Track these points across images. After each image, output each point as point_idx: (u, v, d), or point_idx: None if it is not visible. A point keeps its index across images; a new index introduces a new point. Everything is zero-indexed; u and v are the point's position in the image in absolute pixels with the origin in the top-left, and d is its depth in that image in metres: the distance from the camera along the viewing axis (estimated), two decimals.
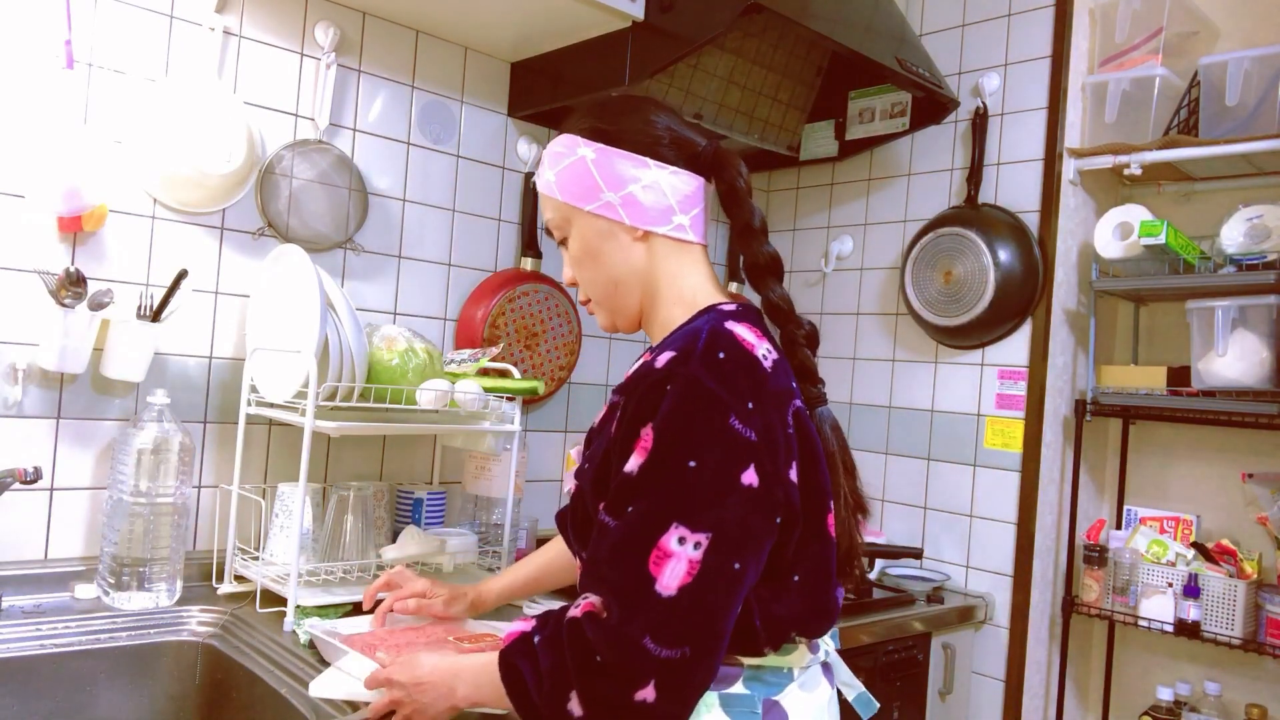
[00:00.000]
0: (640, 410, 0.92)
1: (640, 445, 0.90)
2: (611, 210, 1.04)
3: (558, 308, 2.06)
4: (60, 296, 1.39)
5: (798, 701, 0.99)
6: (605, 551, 0.89)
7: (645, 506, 0.88)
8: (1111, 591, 1.99)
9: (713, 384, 0.90)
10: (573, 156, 1.06)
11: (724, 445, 0.88)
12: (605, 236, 1.05)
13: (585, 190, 1.05)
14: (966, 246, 2.11)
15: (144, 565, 1.41)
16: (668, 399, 0.90)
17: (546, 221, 1.10)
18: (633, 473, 0.90)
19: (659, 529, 0.86)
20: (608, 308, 1.10)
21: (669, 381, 0.91)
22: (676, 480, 0.87)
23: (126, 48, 1.53)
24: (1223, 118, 1.91)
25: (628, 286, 1.07)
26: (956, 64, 2.26)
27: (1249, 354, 1.81)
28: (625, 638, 0.84)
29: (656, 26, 1.72)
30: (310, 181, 1.73)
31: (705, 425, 0.89)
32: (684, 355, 0.92)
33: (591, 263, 1.07)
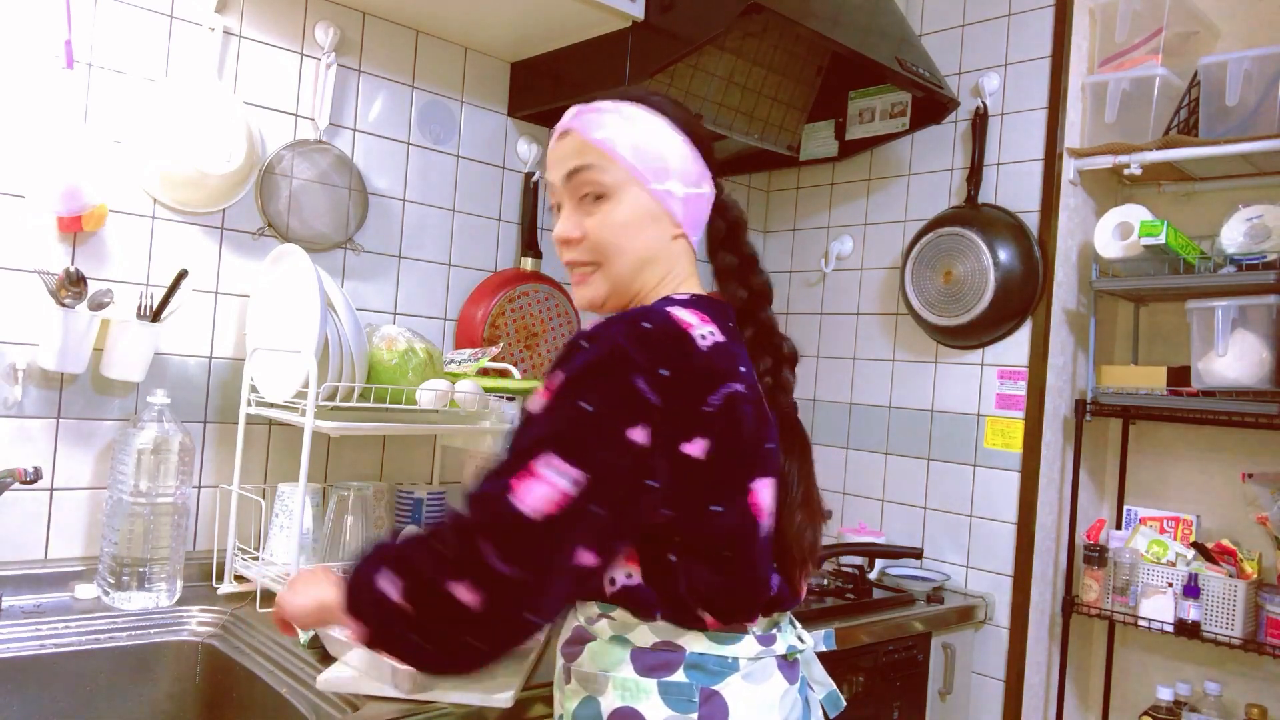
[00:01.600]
0: (556, 363, 0.95)
1: (546, 389, 0.93)
2: (671, 200, 1.05)
3: (558, 308, 2.06)
4: (60, 296, 1.39)
5: (740, 693, 0.97)
6: (486, 472, 0.90)
7: (527, 434, 0.90)
8: (1111, 591, 1.99)
9: (628, 345, 0.92)
10: (658, 132, 1.05)
11: (622, 399, 0.90)
12: (654, 219, 1.05)
13: (659, 169, 1.04)
14: (966, 246, 2.11)
15: (144, 565, 1.41)
16: (583, 353, 0.93)
17: (587, 166, 1.03)
18: (531, 407, 0.93)
19: (532, 453, 0.88)
20: (612, 283, 1.06)
21: (588, 340, 0.94)
22: (564, 416, 0.90)
23: (126, 48, 1.53)
24: (1223, 118, 1.91)
25: (647, 271, 1.06)
26: (956, 64, 2.26)
27: (1249, 354, 1.81)
28: (465, 528, 0.86)
29: (656, 26, 1.72)
30: (310, 181, 1.73)
31: (609, 378, 0.91)
32: (607, 323, 0.95)
33: (630, 235, 1.04)
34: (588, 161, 1.04)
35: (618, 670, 0.97)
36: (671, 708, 0.94)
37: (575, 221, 1.05)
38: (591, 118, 1.05)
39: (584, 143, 1.04)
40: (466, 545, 0.85)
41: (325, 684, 1.14)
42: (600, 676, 0.98)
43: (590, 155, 1.04)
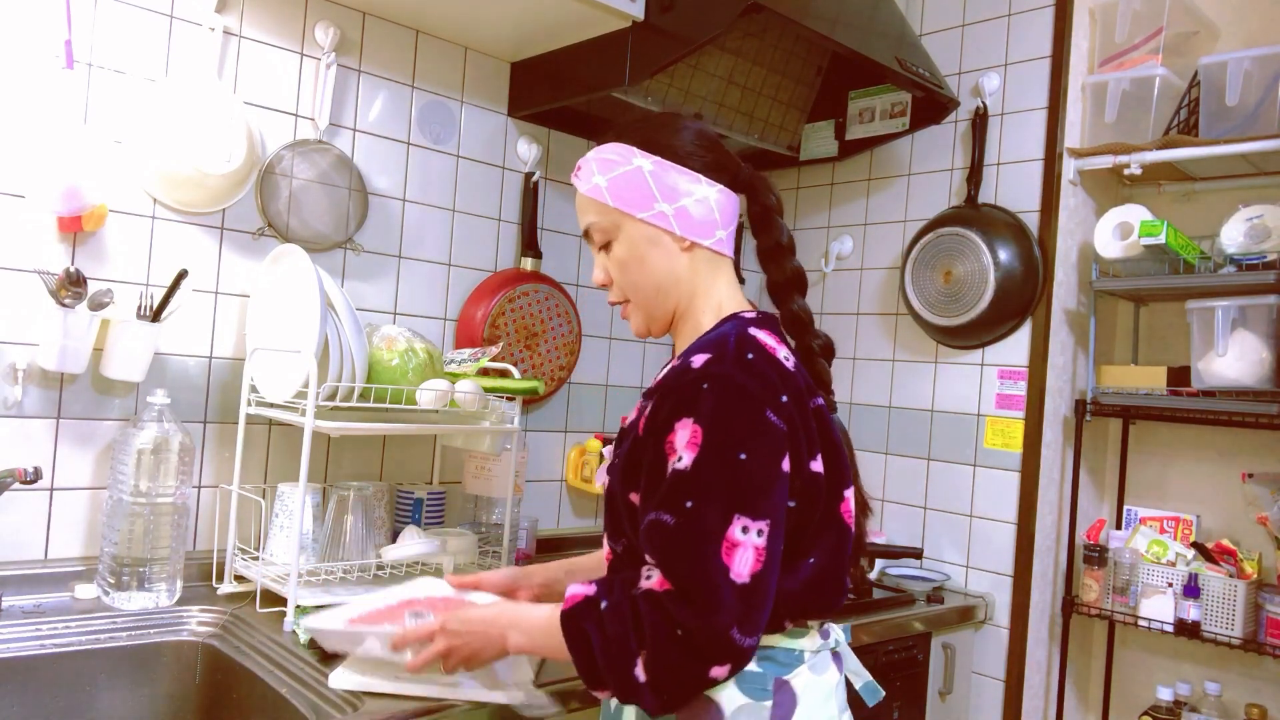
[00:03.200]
0: (678, 407, 0.98)
1: (689, 442, 0.95)
2: (664, 220, 1.10)
3: (558, 308, 2.06)
4: (60, 296, 1.39)
5: (807, 682, 1.04)
6: (676, 545, 0.93)
7: (707, 500, 0.93)
8: (1111, 591, 1.99)
9: (746, 381, 0.97)
10: (628, 165, 1.10)
11: (765, 436, 0.96)
12: (653, 243, 1.11)
13: (641, 198, 1.10)
14: (966, 246, 2.11)
15: (144, 565, 1.41)
16: (706, 397, 0.96)
17: (588, 225, 1.14)
18: (687, 469, 0.95)
19: (725, 521, 0.93)
20: (645, 311, 1.14)
21: (705, 381, 0.97)
22: (732, 473, 0.94)
23: (126, 48, 1.53)
24: (1223, 118, 1.91)
25: (667, 293, 1.12)
26: (956, 64, 2.26)
27: (1249, 354, 1.81)
28: (715, 627, 0.90)
29: (656, 26, 1.72)
30: (310, 181, 1.73)
31: (747, 419, 0.96)
32: (718, 357, 0.99)
33: (637, 267, 1.11)
34: (588, 218, 1.14)
35: None
36: (748, 695, 1.00)
37: (601, 266, 1.16)
38: (581, 174, 1.14)
39: (581, 198, 1.14)
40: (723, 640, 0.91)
41: (338, 682, 1.15)
42: None
43: (588, 209, 1.14)
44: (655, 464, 0.99)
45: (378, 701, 1.12)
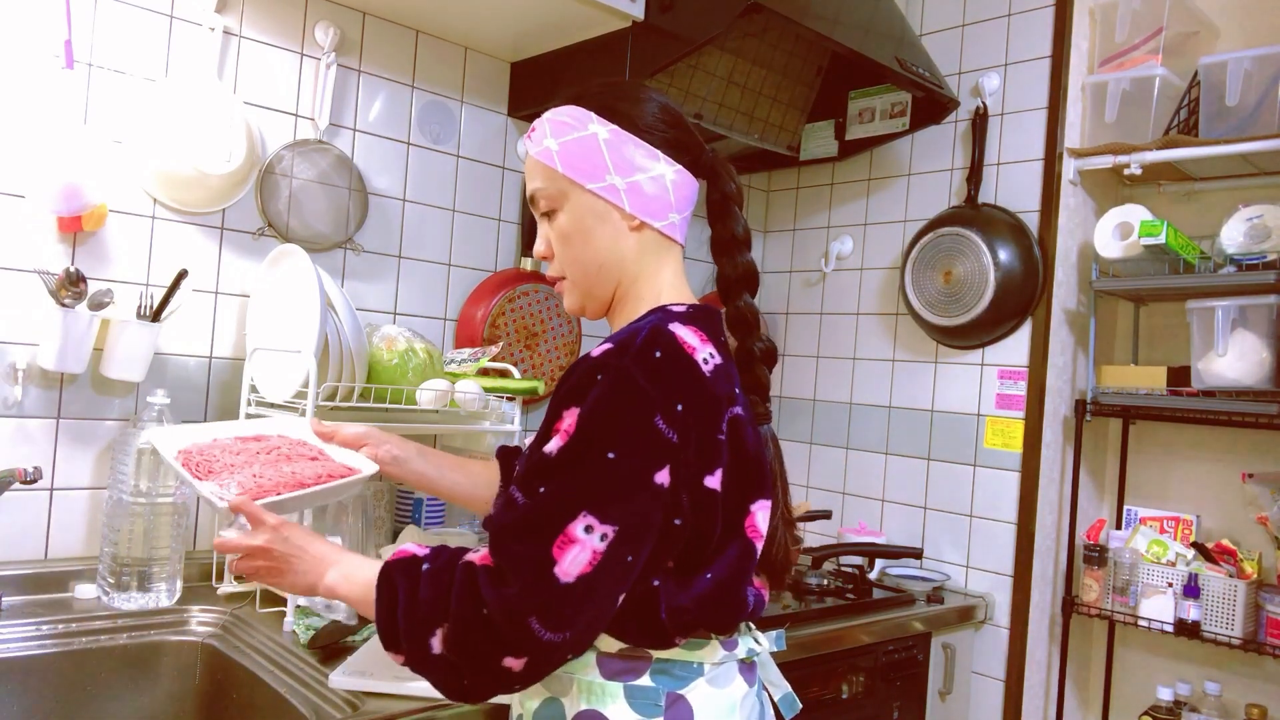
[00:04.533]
0: (568, 396, 0.92)
1: (563, 429, 0.90)
2: (614, 194, 1.03)
3: (557, 308, 2.06)
4: (60, 296, 1.39)
5: (705, 697, 0.99)
6: (512, 524, 0.89)
7: (558, 490, 0.89)
8: (1111, 591, 1.99)
9: (644, 381, 0.91)
10: (582, 131, 1.03)
11: (645, 443, 0.90)
12: (600, 218, 1.04)
13: (592, 168, 1.03)
14: (966, 246, 2.11)
15: (144, 565, 1.41)
16: (597, 388, 0.90)
17: (534, 190, 1.06)
18: (551, 454, 0.90)
19: (568, 515, 0.87)
20: (582, 289, 1.07)
21: (600, 371, 0.91)
22: (593, 470, 0.88)
23: (126, 48, 1.53)
24: (1223, 118, 1.91)
25: (608, 273, 1.05)
26: (956, 64, 2.26)
27: (1249, 354, 1.81)
28: (516, 612, 0.85)
29: (656, 26, 1.72)
30: (310, 181, 1.73)
31: (630, 420, 0.90)
32: (620, 348, 0.93)
33: (580, 241, 1.04)
34: (534, 183, 1.06)
35: (583, 673, 0.97)
36: (638, 711, 0.96)
37: (544, 237, 1.08)
38: (534, 134, 1.07)
39: (529, 160, 1.07)
40: (519, 627, 0.85)
41: (338, 682, 1.15)
42: (564, 677, 0.98)
43: (535, 174, 1.06)
44: (534, 449, 0.94)
45: (378, 701, 1.12)
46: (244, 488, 1.06)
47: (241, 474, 1.10)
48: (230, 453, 1.16)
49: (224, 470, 1.11)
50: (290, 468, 1.13)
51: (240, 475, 1.09)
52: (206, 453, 1.15)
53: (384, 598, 0.91)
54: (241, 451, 1.17)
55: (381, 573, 0.93)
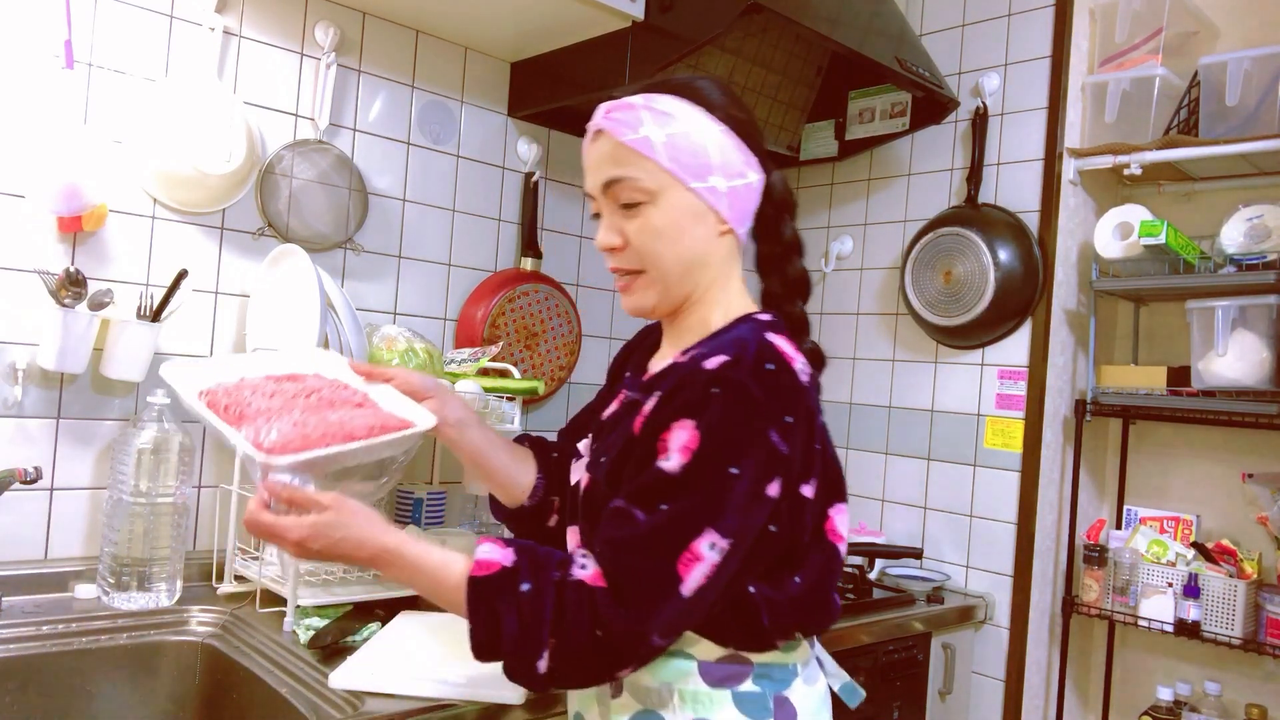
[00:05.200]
0: (683, 407, 0.91)
1: (684, 445, 0.89)
2: (715, 197, 0.99)
3: (558, 308, 2.06)
4: (60, 296, 1.39)
5: (803, 696, 1.01)
6: (634, 541, 0.88)
7: (683, 508, 0.88)
8: (1111, 591, 1.99)
9: (760, 394, 0.90)
10: (691, 126, 0.99)
11: (762, 457, 0.90)
12: (697, 219, 1.00)
13: (699, 166, 0.98)
14: (966, 246, 2.11)
15: (144, 565, 1.41)
16: (715, 403, 0.90)
17: (619, 178, 0.99)
18: (674, 472, 0.89)
19: (693, 532, 0.87)
20: (661, 288, 1.02)
21: (717, 384, 0.90)
22: (717, 486, 0.88)
23: (126, 48, 1.53)
24: (1223, 118, 1.91)
25: (692, 275, 1.02)
26: (956, 64, 2.26)
27: (1249, 354, 1.81)
28: (640, 632, 0.86)
29: (656, 26, 1.72)
30: (310, 181, 1.73)
31: (749, 435, 0.90)
32: (735, 361, 0.92)
33: (671, 239, 0.99)
34: (624, 171, 0.99)
35: (684, 683, 0.97)
36: (749, 715, 0.97)
37: (616, 228, 1.01)
38: (623, 116, 0.99)
39: (618, 146, 0.99)
40: (640, 644, 0.87)
41: (339, 681, 1.15)
42: (661, 689, 0.97)
43: (626, 161, 0.99)
44: (643, 458, 0.92)
45: (378, 701, 1.12)
46: (286, 438, 0.95)
47: (280, 421, 0.97)
48: (263, 395, 1.03)
49: (258, 415, 0.98)
50: (336, 415, 1.00)
51: (279, 423, 0.97)
52: (234, 394, 1.02)
53: (483, 621, 0.88)
54: (276, 393, 1.04)
55: (476, 594, 0.89)
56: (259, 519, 0.92)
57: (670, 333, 1.09)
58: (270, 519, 0.92)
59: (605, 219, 1.02)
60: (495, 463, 1.17)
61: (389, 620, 1.40)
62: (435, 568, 0.93)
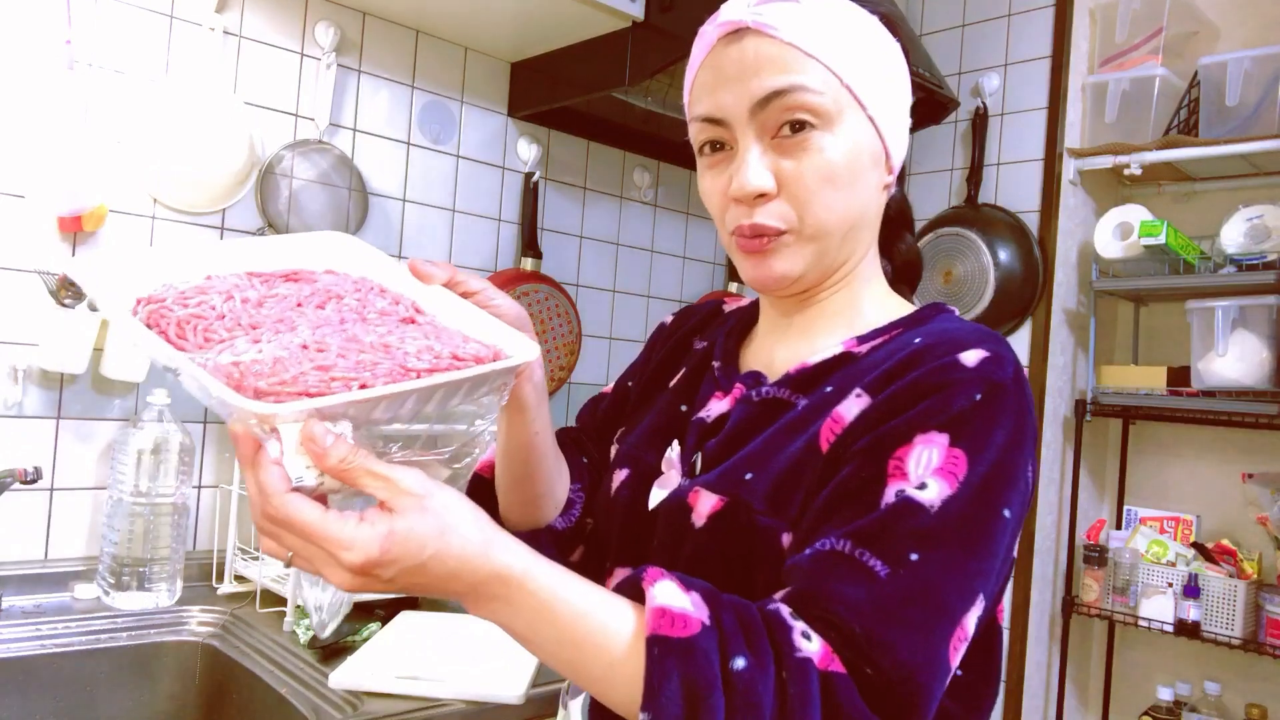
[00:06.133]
0: (930, 415, 0.64)
1: (941, 467, 0.63)
2: (892, 133, 0.75)
3: (558, 308, 2.06)
4: (60, 296, 1.39)
5: None
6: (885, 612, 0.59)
7: (951, 563, 0.61)
8: (1111, 591, 1.99)
9: (1026, 411, 0.67)
10: (876, 35, 0.74)
11: (1023, 493, 0.67)
12: (874, 162, 0.74)
13: (882, 89, 0.73)
14: (966, 246, 2.11)
15: (144, 565, 1.41)
16: (981, 413, 0.64)
17: (796, 88, 0.69)
18: (932, 506, 0.61)
19: (968, 599, 0.62)
20: (817, 251, 0.73)
21: (981, 388, 0.65)
22: (990, 533, 0.63)
23: (126, 48, 1.53)
24: (1223, 118, 1.91)
25: (852, 239, 0.75)
26: (956, 64, 2.26)
27: (1249, 354, 1.81)
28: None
29: (656, 26, 1.72)
30: (310, 181, 1.73)
31: (1019, 463, 0.66)
32: (999, 360, 0.67)
33: (847, 183, 0.72)
34: (795, 78, 0.69)
35: None
36: None
37: (770, 167, 0.71)
38: (783, 9, 0.70)
39: (780, 47, 0.70)
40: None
41: (339, 681, 1.15)
42: None
43: (795, 66, 0.69)
44: (859, 484, 0.64)
45: (378, 701, 1.12)
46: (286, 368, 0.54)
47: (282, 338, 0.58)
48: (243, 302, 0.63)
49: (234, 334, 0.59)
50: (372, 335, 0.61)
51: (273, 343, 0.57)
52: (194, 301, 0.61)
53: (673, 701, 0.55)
54: (266, 300, 0.64)
55: (660, 653, 0.56)
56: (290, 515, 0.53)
57: (795, 316, 0.80)
58: (310, 518, 0.53)
59: (748, 153, 0.71)
60: (550, 457, 0.82)
61: (389, 620, 1.40)
62: (584, 611, 0.59)
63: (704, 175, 0.76)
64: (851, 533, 0.62)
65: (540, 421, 0.78)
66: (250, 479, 0.55)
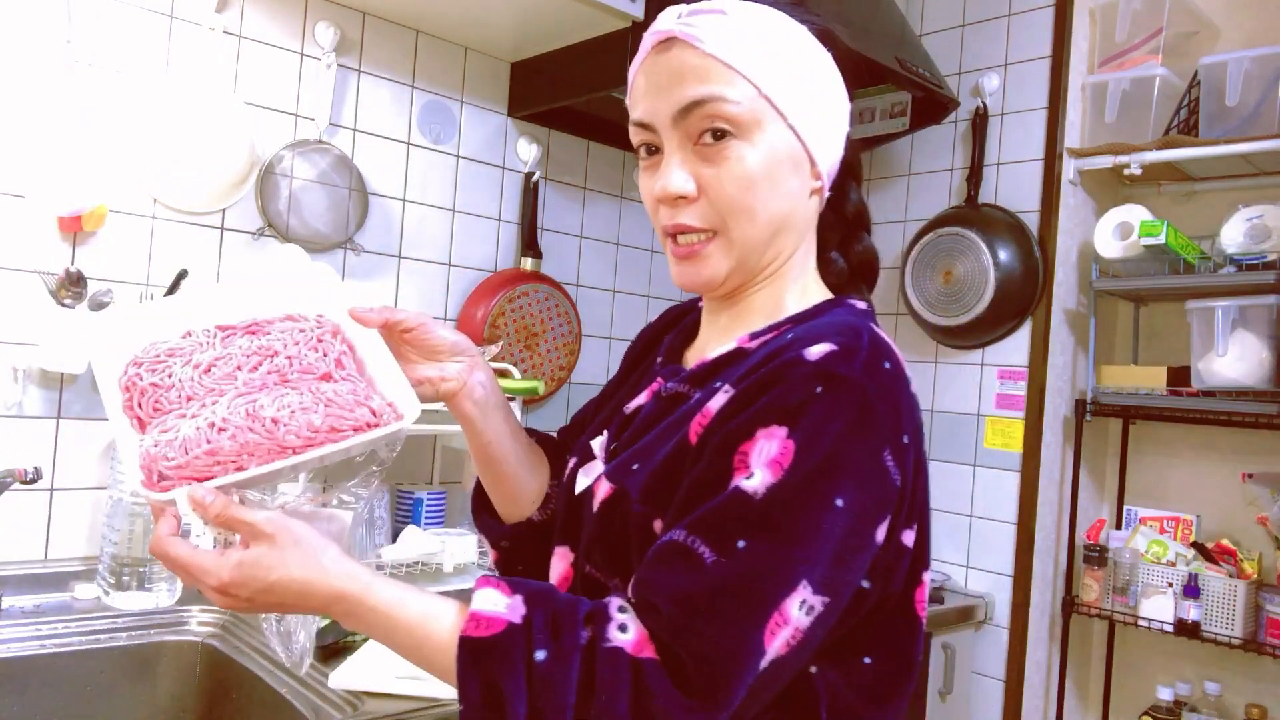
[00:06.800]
0: (771, 409, 0.67)
1: (772, 458, 0.65)
2: (816, 139, 0.76)
3: (558, 308, 2.06)
4: (60, 296, 1.39)
5: None
6: (704, 596, 0.63)
7: (772, 548, 0.64)
8: (1111, 591, 1.99)
9: (876, 401, 0.67)
10: (801, 43, 0.76)
11: (875, 485, 0.67)
12: (796, 167, 0.76)
13: (802, 96, 0.75)
14: (966, 246, 2.11)
15: (144, 565, 1.41)
16: (817, 405, 0.66)
17: (712, 99, 0.73)
18: (757, 494, 0.64)
19: (786, 585, 0.63)
20: (740, 253, 0.77)
21: (821, 382, 0.67)
22: (818, 521, 0.64)
23: (126, 48, 1.53)
24: (1223, 118, 1.91)
25: (781, 240, 0.78)
26: (956, 64, 2.26)
27: (1249, 354, 1.81)
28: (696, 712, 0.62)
29: None
30: (310, 181, 1.73)
31: (862, 454, 0.67)
32: (845, 353, 0.68)
33: (767, 189, 0.75)
34: (712, 89, 0.73)
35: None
36: None
37: (690, 172, 0.75)
38: (709, 21, 0.74)
39: (702, 58, 0.73)
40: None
41: (339, 681, 1.15)
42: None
43: (715, 77, 0.73)
44: (710, 478, 0.68)
45: (378, 701, 1.12)
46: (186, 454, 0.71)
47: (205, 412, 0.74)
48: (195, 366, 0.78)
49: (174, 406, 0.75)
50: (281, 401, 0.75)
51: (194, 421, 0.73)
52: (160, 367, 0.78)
53: (476, 695, 0.63)
54: (216, 362, 0.78)
55: (467, 655, 0.64)
56: (167, 550, 0.70)
57: (723, 314, 0.84)
58: (181, 553, 0.69)
59: (671, 159, 0.76)
60: (511, 460, 0.91)
61: None
62: (413, 621, 0.67)
63: (640, 177, 0.81)
64: (691, 522, 0.66)
65: (491, 432, 0.88)
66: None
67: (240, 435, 0.72)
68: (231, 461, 0.72)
